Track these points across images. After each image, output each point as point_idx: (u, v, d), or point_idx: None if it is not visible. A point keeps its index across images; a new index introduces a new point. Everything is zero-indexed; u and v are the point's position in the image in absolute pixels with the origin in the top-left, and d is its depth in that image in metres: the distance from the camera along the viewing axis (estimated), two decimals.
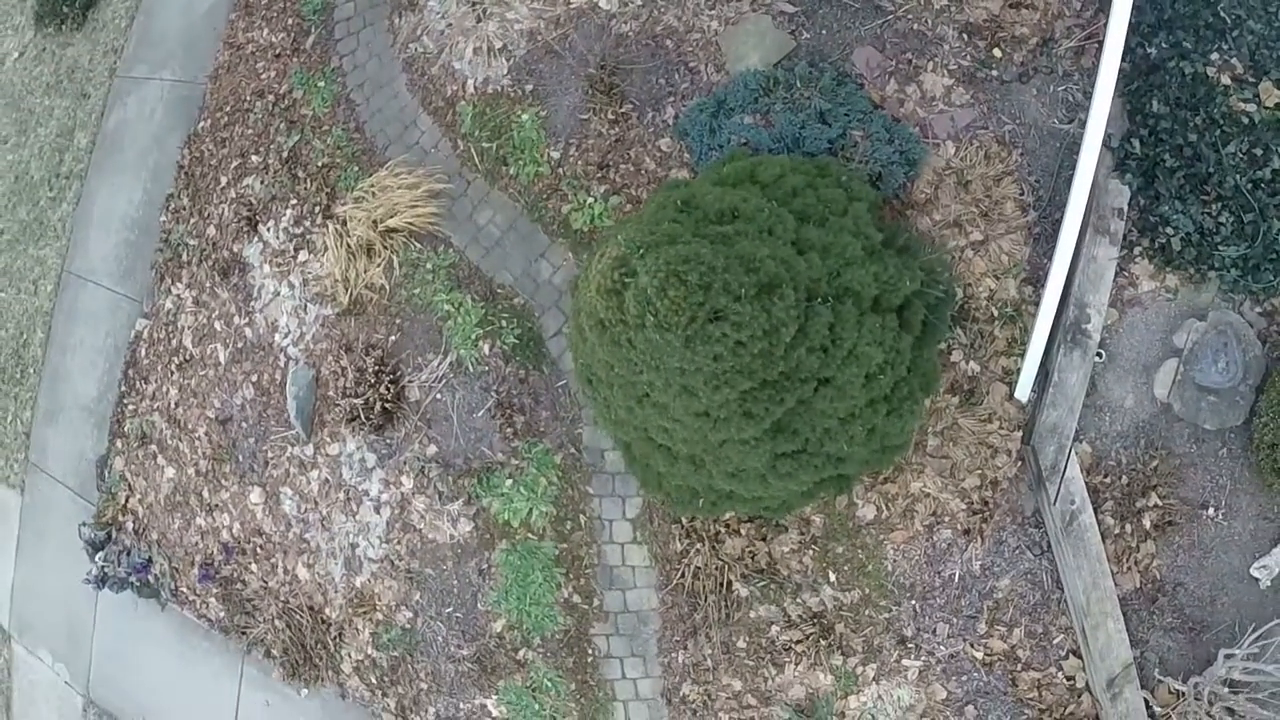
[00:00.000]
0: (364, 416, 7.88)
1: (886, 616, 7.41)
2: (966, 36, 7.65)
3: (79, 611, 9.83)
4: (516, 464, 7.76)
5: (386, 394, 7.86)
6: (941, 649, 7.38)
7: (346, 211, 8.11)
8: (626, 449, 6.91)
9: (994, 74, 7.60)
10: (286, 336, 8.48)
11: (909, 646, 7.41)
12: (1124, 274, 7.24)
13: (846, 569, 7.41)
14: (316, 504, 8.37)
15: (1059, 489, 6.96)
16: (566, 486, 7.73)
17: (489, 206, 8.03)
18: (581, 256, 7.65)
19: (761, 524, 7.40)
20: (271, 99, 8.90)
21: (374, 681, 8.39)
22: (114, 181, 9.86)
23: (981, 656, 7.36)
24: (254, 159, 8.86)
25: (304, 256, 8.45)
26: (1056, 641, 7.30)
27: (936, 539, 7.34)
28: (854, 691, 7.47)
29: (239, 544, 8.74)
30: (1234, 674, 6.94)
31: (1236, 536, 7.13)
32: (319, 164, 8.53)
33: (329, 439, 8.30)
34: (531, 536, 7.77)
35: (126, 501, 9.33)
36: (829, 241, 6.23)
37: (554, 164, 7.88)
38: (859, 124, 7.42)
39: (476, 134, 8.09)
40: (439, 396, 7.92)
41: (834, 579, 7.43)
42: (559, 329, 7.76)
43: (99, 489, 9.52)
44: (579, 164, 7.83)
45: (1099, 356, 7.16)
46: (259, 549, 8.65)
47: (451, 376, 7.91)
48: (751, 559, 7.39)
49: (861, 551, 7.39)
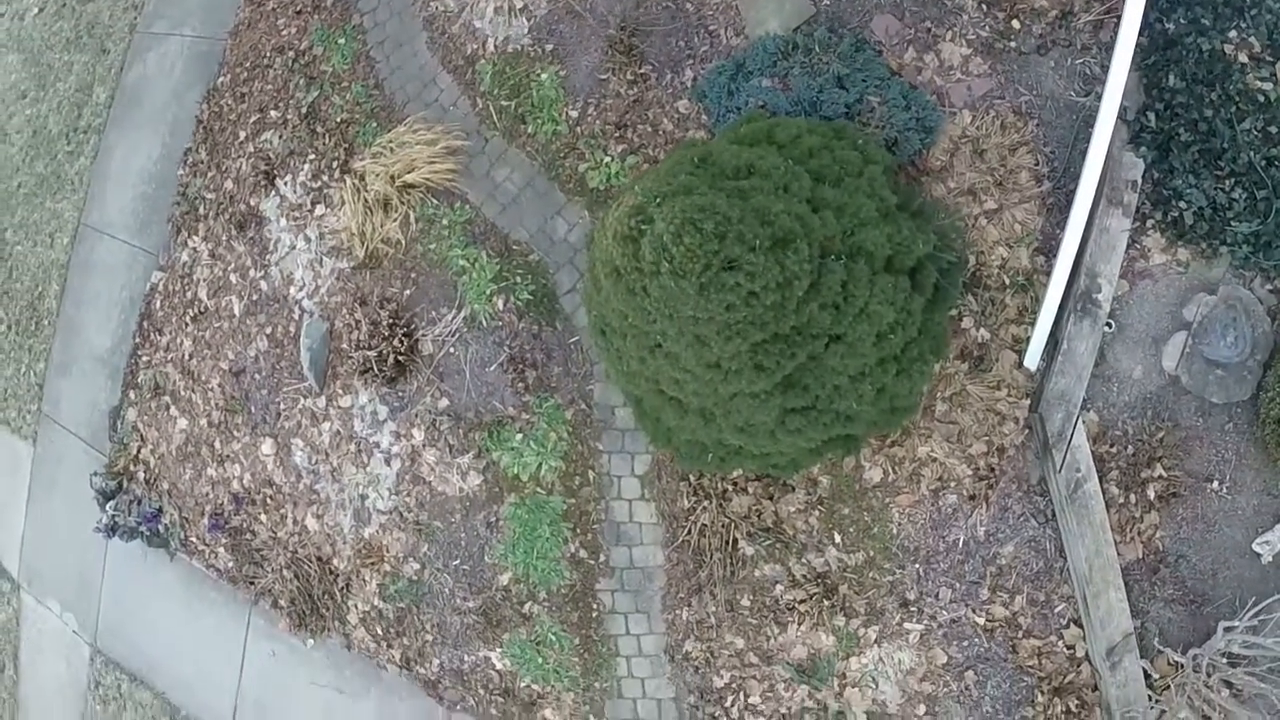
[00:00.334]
0: (377, 369, 7.95)
1: (890, 579, 7.47)
2: (985, 7, 7.68)
3: (88, 562, 9.92)
4: (527, 419, 7.83)
5: (400, 347, 7.93)
6: (944, 613, 7.45)
7: (364, 166, 8.16)
8: (637, 403, 6.97)
9: (1012, 45, 7.63)
10: (301, 289, 8.55)
11: (911, 610, 7.47)
12: (1135, 246, 7.28)
13: (852, 531, 7.47)
14: (327, 456, 8.44)
15: (1065, 456, 7.01)
16: (576, 442, 7.80)
17: (506, 164, 8.09)
18: (597, 214, 7.71)
19: (769, 483, 7.46)
20: (292, 55, 8.96)
21: (379, 633, 8.47)
22: (132, 136, 9.92)
23: (983, 622, 7.42)
24: (273, 114, 8.92)
25: (321, 211, 8.52)
26: (1058, 610, 7.36)
27: (942, 504, 7.40)
28: (855, 653, 7.53)
29: (249, 495, 8.81)
30: (1233, 647, 6.99)
31: (1239, 511, 7.18)
32: (338, 120, 8.59)
33: (341, 391, 8.37)
34: (540, 491, 7.84)
35: (138, 452, 9.41)
36: (844, 201, 6.28)
37: (572, 123, 7.93)
38: (876, 90, 7.46)
39: (495, 92, 8.14)
40: (452, 350, 7.99)
41: (839, 540, 7.49)
42: (573, 286, 7.82)
43: (111, 440, 9.60)
44: (597, 123, 7.88)
45: (1108, 327, 7.21)
46: (269, 500, 8.72)
47: (465, 331, 7.98)
48: (758, 518, 7.45)
49: (867, 514, 7.45)
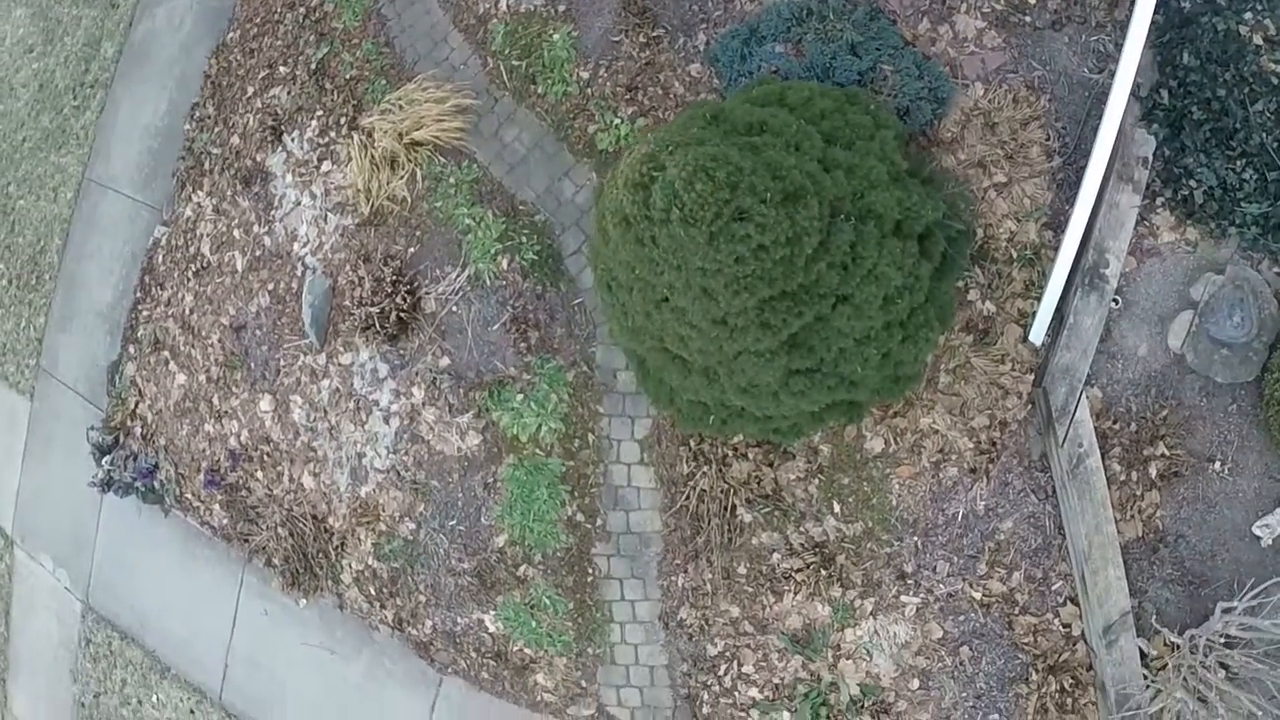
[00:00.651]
0: (379, 325, 7.91)
1: (888, 551, 7.44)
2: None
3: (82, 518, 9.87)
4: (528, 379, 7.79)
5: (403, 304, 7.89)
6: (940, 587, 7.41)
7: (372, 123, 8.12)
8: (640, 364, 6.93)
9: (1027, 20, 7.60)
10: (305, 245, 8.50)
11: (908, 583, 7.44)
12: (1144, 223, 7.24)
13: (851, 501, 7.44)
14: (326, 413, 8.40)
15: (1068, 431, 6.98)
16: (577, 404, 7.77)
17: (515, 124, 8.05)
18: (606, 176, 7.67)
19: (769, 450, 7.42)
20: (302, 11, 8.91)
21: (373, 593, 8.43)
22: (139, 91, 9.88)
23: (980, 597, 7.39)
24: (282, 70, 8.88)
25: (327, 167, 8.48)
26: (1055, 588, 7.33)
27: (942, 476, 7.37)
28: (851, 624, 7.50)
29: (246, 451, 8.77)
30: (1230, 629, 6.96)
31: (1241, 493, 7.15)
32: (347, 76, 8.55)
33: (342, 348, 8.33)
34: (539, 452, 7.80)
35: (136, 407, 9.37)
36: (855, 163, 6.25)
37: (583, 84, 7.89)
38: (890, 59, 7.43)
39: (507, 52, 8.10)
40: (455, 309, 7.95)
41: (838, 510, 7.46)
42: (578, 247, 7.79)
43: (109, 394, 9.55)
44: (608, 85, 7.84)
45: (1115, 302, 7.17)
46: (266, 456, 8.68)
47: (468, 290, 7.94)
48: (757, 484, 7.42)
49: (867, 484, 7.42)
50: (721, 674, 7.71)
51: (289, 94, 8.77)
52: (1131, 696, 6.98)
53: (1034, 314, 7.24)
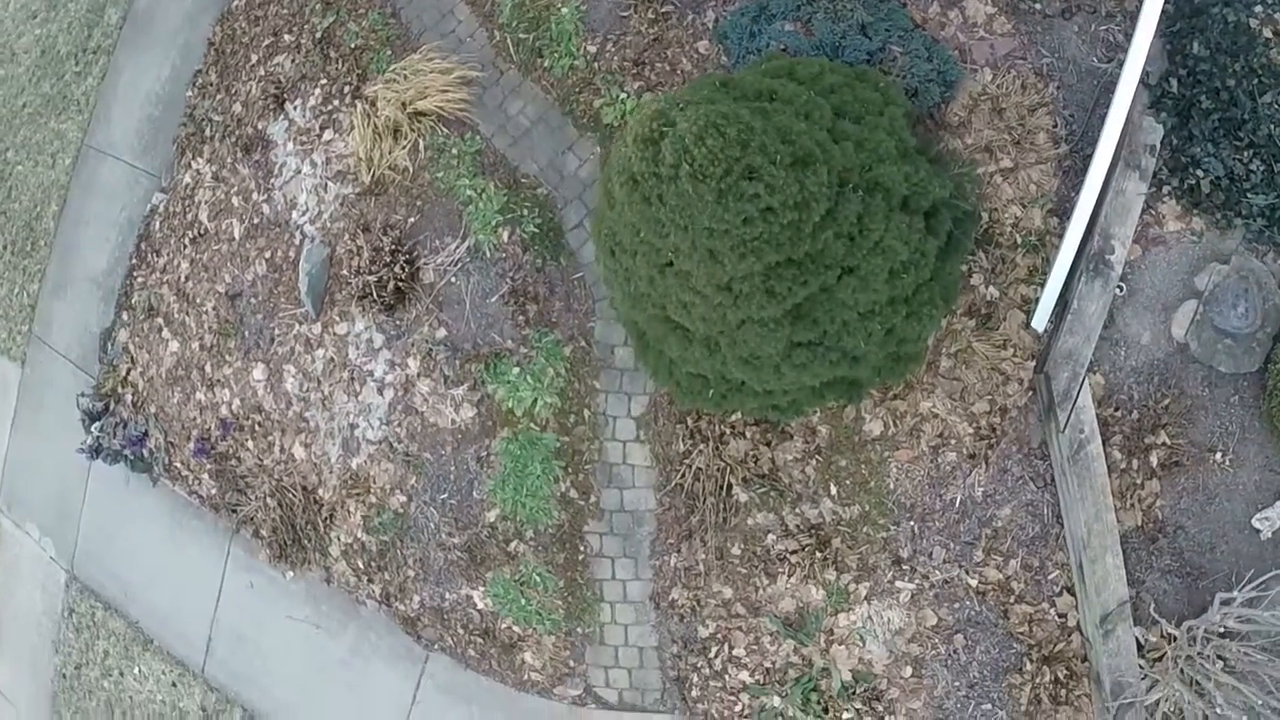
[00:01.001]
0: (376, 295, 7.83)
1: (884, 535, 7.36)
2: None
3: (70, 486, 9.76)
4: (525, 352, 7.72)
5: (401, 274, 7.81)
6: (936, 573, 7.34)
7: (376, 92, 8.06)
8: (639, 336, 6.86)
9: (1037, 7, 7.58)
10: (304, 214, 8.43)
11: (904, 568, 7.36)
12: (1150, 212, 7.21)
13: (848, 483, 7.37)
14: (319, 383, 8.31)
15: (1069, 416, 6.92)
16: (573, 379, 7.69)
17: (520, 97, 8.00)
18: (613, 143, 7.61)
19: (767, 429, 7.35)
20: None
21: (361, 566, 8.33)
22: (142, 58, 9.80)
23: (976, 585, 7.31)
24: (286, 38, 8.81)
25: (329, 136, 8.41)
26: (1051, 577, 7.26)
27: (941, 461, 7.30)
28: (844, 609, 7.42)
29: (237, 420, 8.67)
30: (1228, 621, 6.90)
31: (1241, 486, 7.10)
32: (352, 45, 8.48)
33: (338, 318, 8.24)
34: (534, 427, 7.72)
35: (127, 374, 9.27)
36: (864, 136, 6.21)
37: (590, 58, 7.84)
38: (899, 41, 7.40)
39: (514, 24, 8.05)
40: (453, 280, 7.87)
41: (835, 492, 7.38)
42: (580, 221, 7.72)
43: (101, 361, 9.45)
44: (615, 60, 7.79)
45: (1119, 289, 7.13)
46: (257, 426, 8.58)
47: (468, 261, 7.87)
48: (754, 463, 7.34)
49: (865, 467, 7.35)
50: (712, 656, 7.62)
51: (293, 62, 8.70)
52: (1127, 688, 6.91)
53: (1037, 300, 7.20)
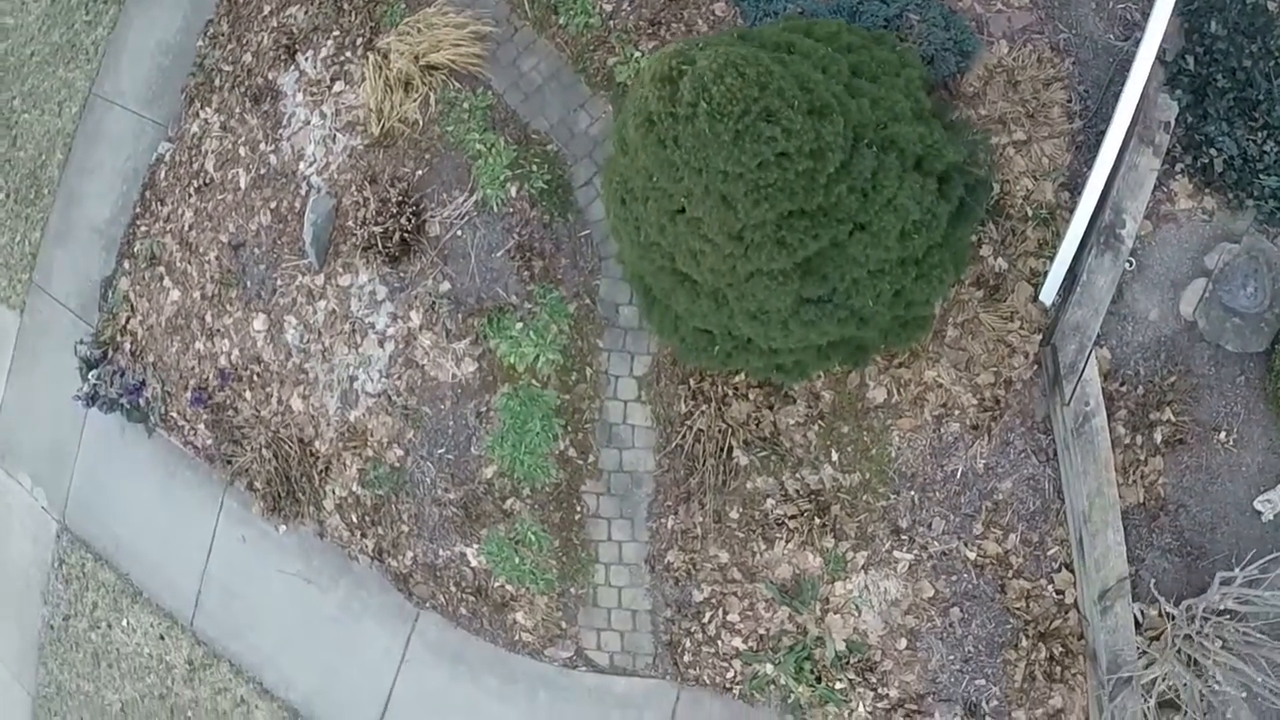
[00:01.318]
0: (381, 246, 7.77)
1: (884, 504, 7.32)
2: None
3: (64, 436, 9.68)
4: (529, 308, 7.66)
5: (407, 226, 7.75)
6: (935, 545, 7.29)
7: (389, 44, 8.02)
8: (645, 292, 6.81)
9: None
10: (311, 165, 8.37)
11: (903, 538, 7.31)
12: (1162, 189, 7.18)
13: (850, 450, 7.32)
14: (320, 335, 8.25)
15: (1075, 389, 6.88)
16: (577, 337, 7.64)
17: (534, 54, 7.96)
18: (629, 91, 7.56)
19: (770, 391, 7.30)
20: None
21: (354, 521, 8.26)
22: (153, 9, 9.74)
23: (974, 558, 7.26)
24: None
25: (340, 87, 8.36)
26: (1050, 553, 7.22)
27: (944, 431, 7.26)
28: (841, 577, 7.37)
29: (236, 371, 8.61)
30: (1227, 601, 6.87)
31: (1244, 467, 7.06)
32: None
33: (341, 270, 8.19)
34: (535, 384, 7.66)
35: (127, 322, 9.20)
36: (880, 95, 6.17)
37: (605, 16, 7.80)
38: (917, 9, 7.38)
39: None
40: (459, 233, 7.82)
41: (836, 458, 7.33)
42: (589, 179, 7.68)
43: (100, 309, 9.39)
44: (631, 19, 7.75)
45: (1129, 264, 7.10)
46: (255, 377, 8.52)
47: (475, 215, 7.82)
48: (756, 426, 7.29)
49: (867, 434, 7.30)
50: (705, 621, 7.56)
51: (305, 13, 8.65)
52: (1124, 665, 6.86)
53: (1045, 273, 7.16)
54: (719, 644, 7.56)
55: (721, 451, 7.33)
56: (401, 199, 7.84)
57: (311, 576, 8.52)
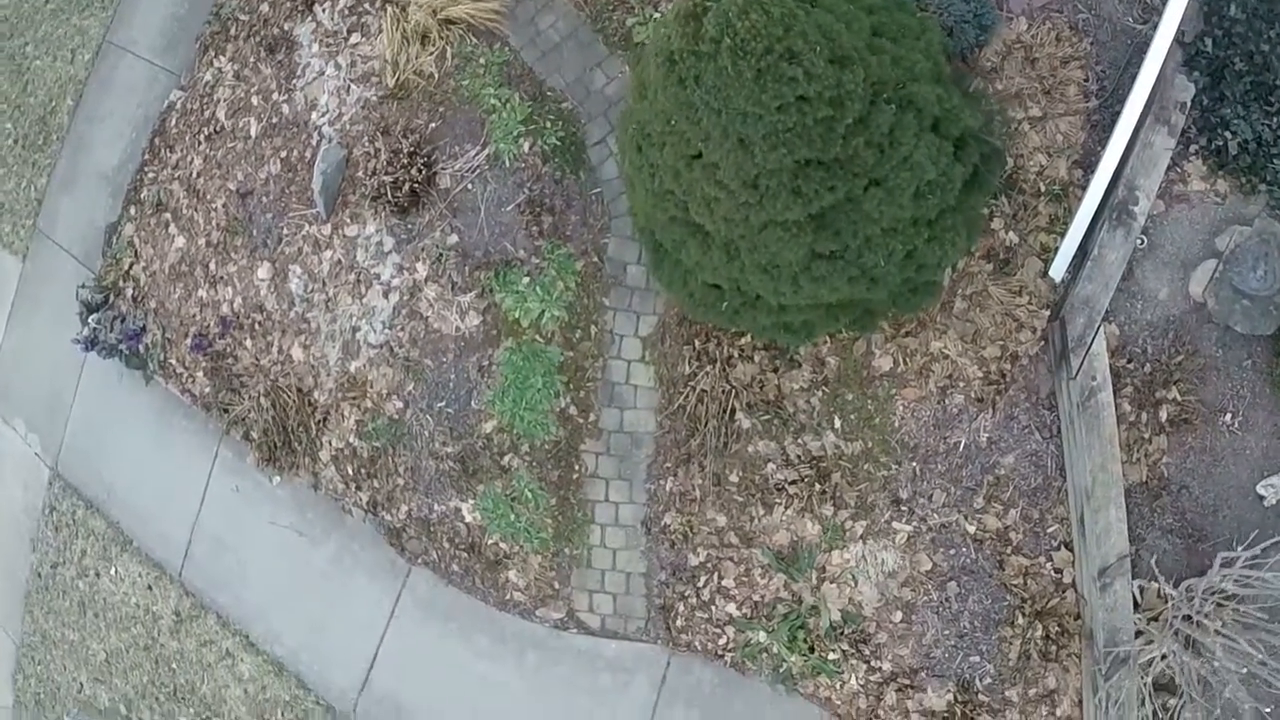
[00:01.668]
0: (390, 195, 7.74)
1: (885, 474, 7.27)
2: None
3: (62, 383, 9.62)
4: (537, 263, 7.63)
5: (417, 177, 7.73)
6: (934, 517, 7.25)
7: None
8: (655, 248, 6.78)
9: None
10: (324, 115, 8.35)
11: (902, 509, 7.27)
12: (1176, 170, 7.17)
13: (853, 417, 7.28)
14: (324, 284, 8.21)
15: (1082, 363, 6.85)
16: (583, 294, 7.60)
17: (552, 12, 7.95)
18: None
19: (775, 355, 7.26)
20: None
21: (350, 473, 8.20)
22: None
23: (974, 532, 7.22)
24: None
25: (356, 39, 8.34)
26: (1050, 530, 7.18)
27: (948, 403, 7.22)
28: (839, 546, 7.32)
29: (238, 319, 8.56)
30: (1226, 583, 6.82)
31: (1248, 450, 7.03)
32: None
33: (349, 220, 8.15)
34: (539, 339, 7.62)
35: (130, 268, 9.15)
36: (900, 54, 6.16)
37: None
38: None
39: None
40: (470, 187, 7.79)
41: (839, 425, 7.29)
42: (603, 138, 7.66)
43: (104, 255, 9.34)
44: None
45: (1140, 242, 7.08)
46: (257, 325, 8.47)
47: (486, 169, 7.79)
48: (760, 389, 7.25)
49: (871, 402, 7.27)
50: (700, 585, 7.51)
51: None
52: (1121, 643, 6.81)
53: (1056, 249, 7.14)
54: (713, 610, 7.50)
55: (724, 413, 7.29)
56: (413, 150, 7.82)
57: (304, 529, 8.45)
